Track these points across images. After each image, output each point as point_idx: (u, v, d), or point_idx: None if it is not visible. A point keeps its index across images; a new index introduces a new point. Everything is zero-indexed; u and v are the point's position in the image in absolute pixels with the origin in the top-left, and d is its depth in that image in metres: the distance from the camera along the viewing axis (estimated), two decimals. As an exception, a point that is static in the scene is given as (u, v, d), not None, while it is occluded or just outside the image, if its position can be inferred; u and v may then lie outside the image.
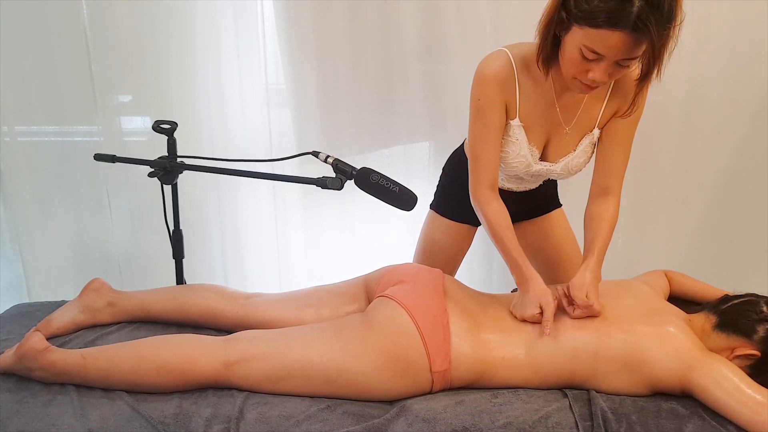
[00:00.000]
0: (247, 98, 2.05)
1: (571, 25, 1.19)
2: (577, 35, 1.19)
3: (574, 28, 1.19)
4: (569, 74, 1.27)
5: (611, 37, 1.14)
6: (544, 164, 1.50)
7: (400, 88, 1.98)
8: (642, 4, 1.11)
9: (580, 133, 1.47)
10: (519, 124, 1.43)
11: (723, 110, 2.02)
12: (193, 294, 1.57)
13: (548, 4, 1.24)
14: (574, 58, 1.21)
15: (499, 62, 1.37)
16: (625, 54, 1.17)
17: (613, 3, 1.12)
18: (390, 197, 1.35)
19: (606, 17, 1.12)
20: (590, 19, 1.14)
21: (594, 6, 1.13)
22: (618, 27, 1.13)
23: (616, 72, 1.23)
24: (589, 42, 1.17)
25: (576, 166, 1.50)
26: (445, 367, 1.29)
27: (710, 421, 1.21)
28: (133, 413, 1.22)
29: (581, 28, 1.17)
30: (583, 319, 1.34)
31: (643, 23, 1.12)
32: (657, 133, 2.05)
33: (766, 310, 1.31)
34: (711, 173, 2.10)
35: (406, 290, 1.38)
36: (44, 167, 2.10)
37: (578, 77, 1.25)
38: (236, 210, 2.20)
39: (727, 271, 2.16)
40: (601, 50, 1.17)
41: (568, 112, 1.44)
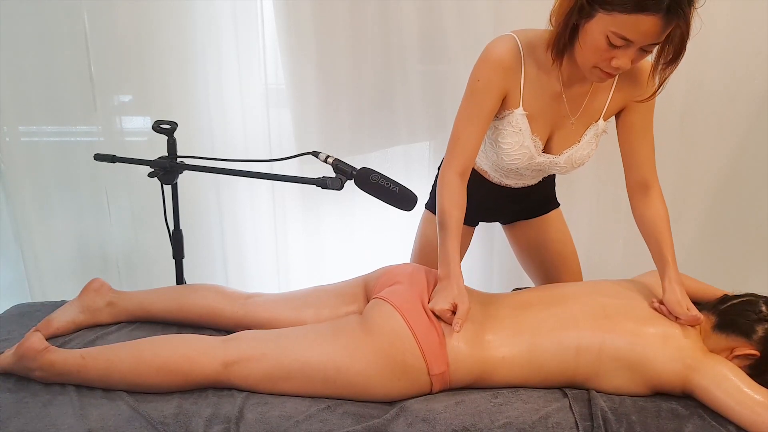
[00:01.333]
0: (247, 98, 2.05)
1: (595, 12, 1.16)
2: (603, 21, 1.15)
3: (600, 15, 1.15)
4: (589, 62, 1.23)
5: (644, 22, 1.11)
6: (547, 156, 1.46)
7: (400, 88, 1.98)
8: None
9: (585, 123, 1.45)
10: (523, 113, 1.39)
11: (723, 110, 2.02)
12: (193, 294, 1.57)
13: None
14: (599, 46, 1.18)
15: (508, 47, 1.33)
16: (655, 38, 1.15)
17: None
18: (390, 197, 1.35)
19: (637, 2, 1.09)
20: (621, 4, 1.11)
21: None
22: (652, 11, 1.10)
23: (639, 58, 1.20)
24: (618, 28, 1.13)
25: (580, 158, 1.47)
26: (442, 369, 1.29)
27: (710, 421, 1.21)
28: (133, 413, 1.22)
29: (609, 14, 1.13)
30: (591, 319, 1.33)
31: (677, 5, 1.09)
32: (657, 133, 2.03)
33: (765, 310, 1.32)
34: (711, 173, 2.10)
35: (401, 292, 1.38)
36: (44, 167, 2.10)
37: (599, 65, 1.22)
38: (236, 210, 2.20)
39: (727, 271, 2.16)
40: (632, 36, 1.14)
41: (574, 103, 1.41)
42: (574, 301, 1.39)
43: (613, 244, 2.19)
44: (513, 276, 2.11)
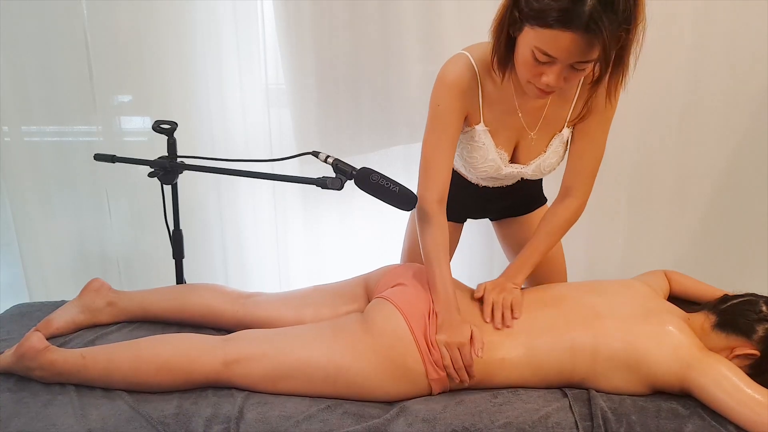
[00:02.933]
0: (247, 98, 2.05)
1: (523, 25, 1.13)
2: (529, 36, 1.12)
3: (526, 29, 1.12)
4: (524, 77, 1.20)
5: (563, 38, 1.07)
6: (515, 166, 1.45)
7: (400, 88, 1.98)
8: (595, 3, 1.04)
9: (550, 133, 1.42)
10: (484, 128, 1.38)
11: (723, 110, 2.02)
12: (193, 294, 1.57)
13: (501, 3, 1.18)
14: (527, 61, 1.15)
15: (462, 68, 1.31)
16: (579, 56, 1.10)
17: (565, 1, 1.05)
18: (390, 197, 1.35)
19: (557, 16, 1.05)
20: (541, 18, 1.08)
21: (545, 4, 1.07)
22: (570, 27, 1.06)
23: (572, 76, 1.15)
24: (541, 43, 1.10)
25: (548, 166, 1.46)
26: (441, 374, 1.29)
27: (710, 421, 1.21)
28: (133, 413, 1.22)
29: (533, 29, 1.10)
30: (582, 318, 1.34)
31: (596, 23, 1.04)
32: (657, 133, 2.05)
33: (765, 310, 1.32)
34: (710, 173, 2.10)
35: (403, 293, 1.38)
36: (44, 167, 2.10)
37: (532, 81, 1.18)
38: (236, 210, 2.20)
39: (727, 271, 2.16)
40: (553, 52, 1.10)
41: (531, 116, 1.38)
42: (567, 301, 1.39)
43: (613, 244, 2.19)
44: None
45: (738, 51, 1.94)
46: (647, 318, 1.33)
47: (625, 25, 1.09)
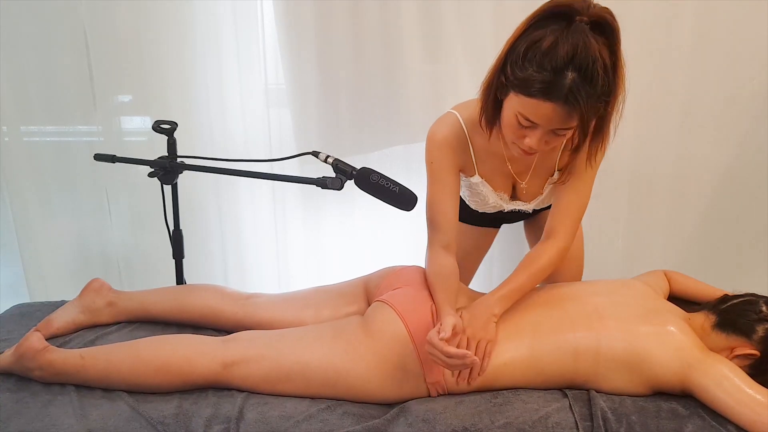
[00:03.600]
0: (247, 98, 2.05)
1: (508, 90, 1.18)
2: (513, 101, 1.17)
3: (512, 94, 1.17)
4: (508, 138, 1.25)
5: (544, 107, 1.13)
6: (517, 203, 1.52)
7: (400, 88, 1.98)
8: (575, 77, 1.09)
9: (543, 178, 1.47)
10: (480, 180, 1.45)
11: (722, 110, 2.01)
12: (193, 294, 1.57)
13: (490, 67, 1.23)
14: (511, 124, 1.20)
15: (450, 128, 1.37)
16: (559, 124, 1.15)
17: (547, 74, 1.10)
18: (390, 197, 1.35)
19: (539, 87, 1.11)
20: (524, 87, 1.13)
21: (528, 75, 1.12)
22: (550, 98, 1.11)
23: (553, 140, 1.21)
24: (524, 110, 1.16)
25: (548, 202, 1.51)
26: (438, 378, 1.29)
27: (710, 421, 1.21)
28: (133, 413, 1.22)
29: (517, 95, 1.16)
30: (586, 320, 1.33)
31: (575, 96, 1.10)
32: (657, 132, 2.05)
33: (765, 310, 1.32)
34: (710, 173, 2.10)
35: (404, 296, 1.38)
36: (44, 167, 2.10)
37: (516, 142, 1.24)
38: (236, 210, 2.20)
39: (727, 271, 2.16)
40: (535, 119, 1.16)
41: (520, 166, 1.44)
42: (569, 302, 1.39)
43: (613, 244, 2.19)
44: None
45: (738, 51, 1.94)
46: (648, 318, 1.33)
47: (604, 97, 1.15)
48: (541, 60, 1.10)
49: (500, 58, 1.19)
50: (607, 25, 1.11)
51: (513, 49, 1.15)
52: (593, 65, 1.09)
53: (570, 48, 1.08)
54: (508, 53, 1.17)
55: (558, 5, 1.12)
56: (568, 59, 1.08)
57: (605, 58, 1.10)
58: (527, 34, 1.14)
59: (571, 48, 1.08)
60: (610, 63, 1.11)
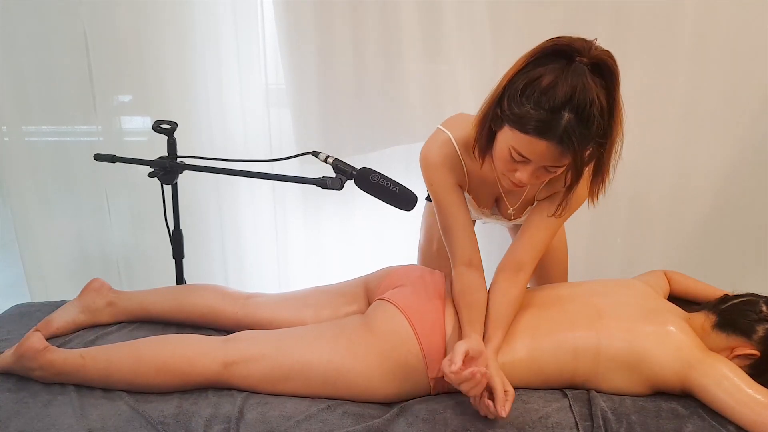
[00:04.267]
0: (247, 98, 2.05)
1: (503, 123, 1.18)
2: (507, 135, 1.17)
3: (506, 128, 1.17)
4: (499, 170, 1.26)
5: (538, 145, 1.13)
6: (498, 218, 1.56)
7: (400, 88, 1.98)
8: (571, 118, 1.09)
9: (523, 207, 1.49)
10: (468, 196, 1.48)
11: (723, 110, 2.02)
12: (193, 294, 1.57)
13: (487, 97, 1.22)
14: (504, 157, 1.20)
15: (443, 149, 1.37)
16: (552, 162, 1.16)
17: (544, 113, 1.10)
18: (390, 197, 1.35)
19: (535, 125, 1.11)
20: (520, 123, 1.13)
21: (525, 111, 1.12)
22: (545, 137, 1.11)
23: (543, 175, 1.21)
24: (517, 145, 1.16)
25: None
26: (441, 374, 1.29)
27: (710, 421, 1.21)
28: (133, 413, 1.22)
29: (511, 130, 1.16)
30: (586, 319, 1.33)
31: (569, 137, 1.10)
32: (657, 133, 2.05)
33: (765, 310, 1.32)
34: (711, 173, 2.10)
35: (405, 294, 1.38)
36: (44, 167, 2.10)
37: (507, 174, 1.24)
38: (236, 210, 2.20)
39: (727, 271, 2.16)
40: (528, 155, 1.16)
41: (512, 196, 1.46)
42: (569, 302, 1.39)
43: (613, 244, 2.19)
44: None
45: (738, 51, 1.94)
46: (648, 318, 1.33)
47: (599, 139, 1.14)
48: (539, 98, 1.10)
49: (498, 91, 1.19)
50: (607, 68, 1.12)
51: (511, 84, 1.15)
52: (590, 107, 1.09)
53: (569, 89, 1.08)
54: (506, 87, 1.16)
55: (559, 44, 1.12)
56: (566, 100, 1.08)
57: (602, 101, 1.11)
58: (527, 70, 1.14)
59: (569, 89, 1.08)
60: (606, 106, 1.12)
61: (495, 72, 1.91)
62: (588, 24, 1.90)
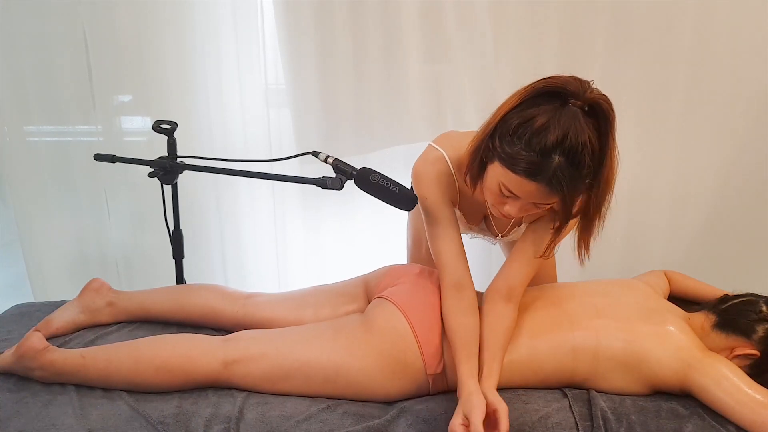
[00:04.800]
0: (247, 98, 2.05)
1: (494, 158, 1.17)
2: (498, 170, 1.16)
3: (497, 163, 1.16)
4: (488, 200, 1.26)
5: (527, 185, 1.13)
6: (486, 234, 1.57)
7: (400, 88, 1.98)
8: (562, 161, 1.08)
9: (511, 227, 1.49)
10: (459, 214, 1.47)
11: (723, 110, 2.01)
12: (193, 294, 1.57)
13: (481, 129, 1.21)
14: (493, 190, 1.20)
15: (437, 166, 1.35)
16: (541, 200, 1.16)
17: (534, 155, 1.09)
18: (390, 197, 1.35)
19: (524, 167, 1.11)
20: (510, 163, 1.12)
21: (516, 152, 1.11)
22: (535, 179, 1.11)
23: (532, 209, 1.21)
24: (506, 182, 1.15)
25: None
26: (439, 370, 1.29)
27: (710, 421, 1.21)
28: (133, 413, 1.22)
29: (501, 167, 1.15)
30: (585, 318, 1.34)
31: (558, 180, 1.10)
32: (657, 133, 2.05)
33: (765, 310, 1.32)
34: (710, 173, 2.10)
35: (404, 292, 1.38)
36: (44, 167, 2.09)
37: (496, 206, 1.24)
38: (236, 210, 2.20)
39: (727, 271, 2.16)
40: (518, 192, 1.16)
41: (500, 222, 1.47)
42: (568, 301, 1.39)
43: (613, 244, 2.19)
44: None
45: (738, 51, 1.94)
46: (648, 318, 1.33)
47: (588, 179, 1.13)
48: (530, 139, 1.09)
49: (491, 125, 1.17)
50: (602, 112, 1.10)
51: (504, 122, 1.14)
52: (581, 151, 1.08)
53: (561, 132, 1.08)
54: (499, 124, 1.15)
55: (554, 85, 1.11)
56: (557, 143, 1.08)
57: (594, 144, 1.10)
58: (520, 110, 1.13)
59: (561, 132, 1.08)
60: (599, 148, 1.11)
61: (495, 72, 1.92)
62: (588, 24, 1.90)
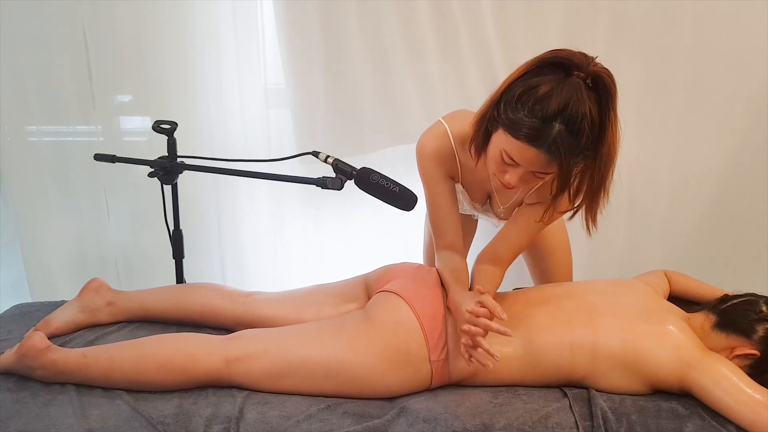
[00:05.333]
0: (247, 98, 2.05)
1: (498, 126, 1.21)
2: (500, 138, 1.20)
3: (500, 131, 1.20)
4: (490, 170, 1.29)
5: (528, 151, 1.16)
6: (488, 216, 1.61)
7: (400, 88, 1.98)
8: (562, 129, 1.12)
9: (512, 208, 1.52)
10: (462, 189, 1.51)
11: (722, 109, 2.02)
12: (193, 293, 1.57)
13: (487, 99, 1.25)
14: (495, 158, 1.24)
15: (438, 142, 1.41)
16: (540, 168, 1.19)
17: (536, 121, 1.13)
18: (390, 197, 1.35)
19: (526, 132, 1.14)
20: (513, 128, 1.16)
21: (518, 118, 1.15)
22: (535, 145, 1.15)
23: (532, 180, 1.24)
24: (508, 148, 1.19)
25: None
26: (443, 357, 1.30)
27: (710, 421, 1.21)
28: (133, 413, 1.22)
29: (504, 134, 1.19)
30: (583, 316, 1.34)
31: (557, 147, 1.13)
32: (656, 132, 2.05)
33: (765, 310, 1.32)
34: (710, 173, 2.10)
35: (405, 284, 1.40)
36: (44, 167, 2.09)
37: (497, 175, 1.27)
38: (236, 210, 2.20)
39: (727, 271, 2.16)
40: (518, 159, 1.19)
41: (503, 195, 1.48)
42: (567, 299, 1.40)
43: (612, 244, 2.19)
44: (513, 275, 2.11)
45: (738, 51, 1.94)
46: (648, 317, 1.34)
47: (587, 152, 1.17)
48: (532, 106, 1.13)
49: (497, 94, 1.22)
50: (603, 85, 1.14)
51: (509, 90, 1.18)
52: (581, 121, 1.12)
53: (562, 101, 1.11)
54: (504, 92, 1.19)
55: (560, 56, 1.16)
56: (558, 111, 1.12)
57: (594, 116, 1.13)
58: (525, 78, 1.17)
59: (563, 101, 1.11)
60: (598, 121, 1.15)
61: (497, 72, 1.92)
62: (588, 24, 1.90)
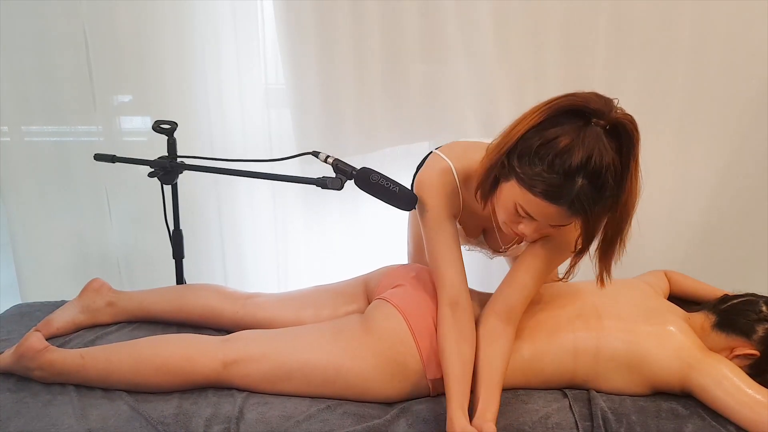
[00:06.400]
0: (247, 98, 2.05)
1: (511, 177, 1.12)
2: (515, 190, 1.11)
3: (514, 182, 1.11)
4: (501, 218, 1.20)
5: (547, 207, 1.08)
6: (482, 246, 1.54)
7: (400, 88, 1.98)
8: (585, 184, 1.04)
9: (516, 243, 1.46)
10: (459, 226, 1.42)
11: (722, 110, 2.01)
12: (193, 294, 1.57)
13: (495, 145, 1.16)
14: (508, 210, 1.15)
15: (444, 178, 1.30)
16: (559, 222, 1.12)
17: (556, 177, 1.05)
18: (390, 197, 1.35)
19: (545, 189, 1.06)
20: (530, 184, 1.08)
21: (537, 173, 1.06)
22: (556, 202, 1.06)
23: (548, 231, 1.17)
24: (524, 203, 1.11)
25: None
26: (439, 375, 1.27)
27: (710, 421, 1.21)
28: (133, 413, 1.22)
29: (519, 187, 1.10)
30: (585, 319, 1.33)
31: (581, 203, 1.05)
32: (657, 133, 2.05)
33: (765, 310, 1.32)
34: (710, 173, 2.10)
35: (404, 293, 1.38)
36: (44, 167, 2.09)
37: (509, 225, 1.19)
38: (236, 210, 2.20)
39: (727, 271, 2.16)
40: (536, 215, 1.11)
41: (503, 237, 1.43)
42: (569, 302, 1.39)
43: (613, 244, 2.19)
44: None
45: (738, 51, 1.94)
46: (648, 318, 1.34)
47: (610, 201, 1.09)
48: (552, 160, 1.05)
49: (509, 143, 1.12)
50: (626, 133, 1.07)
51: (524, 141, 1.09)
52: (605, 173, 1.05)
53: (585, 153, 1.03)
54: (518, 142, 1.10)
55: (575, 103, 1.08)
56: (581, 165, 1.03)
57: (616, 166, 1.06)
58: (542, 128, 1.08)
59: (586, 154, 1.03)
60: (621, 170, 1.07)
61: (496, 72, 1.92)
62: (588, 24, 1.90)
